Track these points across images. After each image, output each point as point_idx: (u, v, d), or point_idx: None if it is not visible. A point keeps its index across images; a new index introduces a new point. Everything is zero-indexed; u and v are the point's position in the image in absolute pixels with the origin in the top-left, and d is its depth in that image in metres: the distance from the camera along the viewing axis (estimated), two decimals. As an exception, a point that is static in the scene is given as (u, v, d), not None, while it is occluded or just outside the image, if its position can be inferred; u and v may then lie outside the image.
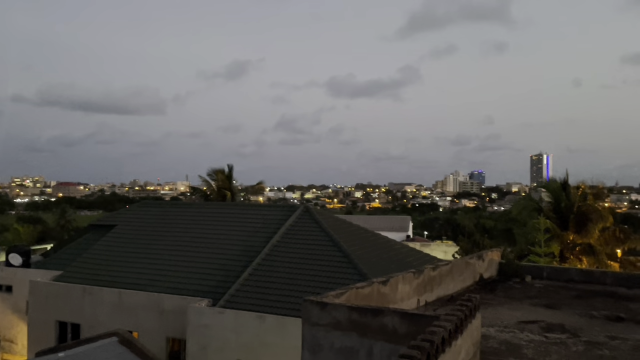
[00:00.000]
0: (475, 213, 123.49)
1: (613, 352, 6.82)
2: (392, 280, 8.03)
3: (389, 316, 5.74)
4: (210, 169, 37.13)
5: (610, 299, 10.38)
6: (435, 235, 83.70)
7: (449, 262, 10.68)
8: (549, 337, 7.45)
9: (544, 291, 11.05)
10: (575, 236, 27.76)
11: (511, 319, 8.46)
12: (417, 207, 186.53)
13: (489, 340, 7.10)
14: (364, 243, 20.82)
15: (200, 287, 18.17)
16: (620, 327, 8.15)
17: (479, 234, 42.85)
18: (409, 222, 66.71)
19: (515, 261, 13.03)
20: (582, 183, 29.99)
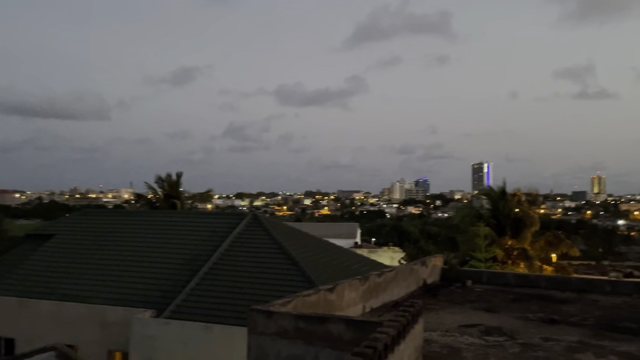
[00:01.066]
0: (420, 220, 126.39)
1: (547, 353, 7.19)
2: (339, 288, 8.15)
3: (334, 323, 5.83)
4: (157, 176, 36.25)
5: (544, 301, 10.92)
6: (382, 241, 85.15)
7: (393, 268, 10.94)
8: (488, 340, 7.77)
9: (484, 295, 11.50)
10: (512, 241, 29.05)
11: (452, 323, 8.75)
12: (365, 214, 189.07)
13: (431, 345, 7.32)
14: (312, 250, 20.91)
15: (144, 297, 17.67)
16: (553, 329, 8.59)
17: (424, 240, 43.98)
18: (357, 229, 67.52)
19: (457, 266, 13.48)
20: (518, 190, 31.48)
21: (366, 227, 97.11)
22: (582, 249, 55.58)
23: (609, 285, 12.01)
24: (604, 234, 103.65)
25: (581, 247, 51.95)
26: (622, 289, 11.82)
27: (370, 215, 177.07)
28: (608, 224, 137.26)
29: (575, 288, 12.14)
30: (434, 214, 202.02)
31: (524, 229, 28.93)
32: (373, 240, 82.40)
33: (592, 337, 8.04)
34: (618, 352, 7.27)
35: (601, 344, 7.69)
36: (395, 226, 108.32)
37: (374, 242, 79.39)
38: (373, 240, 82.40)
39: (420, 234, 59.61)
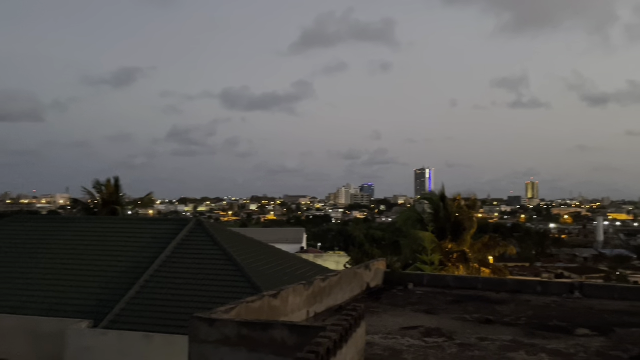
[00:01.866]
0: (365, 224, 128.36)
1: (482, 352, 7.48)
2: (283, 293, 8.15)
3: (278, 329, 5.84)
4: (95, 180, 34.84)
5: (481, 302, 11.36)
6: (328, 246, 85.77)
7: (337, 272, 11.05)
8: (427, 341, 8.00)
9: (424, 297, 11.82)
10: (452, 244, 30.03)
11: (394, 325, 8.95)
12: (311, 218, 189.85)
13: (373, 347, 7.46)
14: (258, 256, 20.77)
15: (80, 307, 16.92)
16: (489, 329, 8.96)
17: (369, 244, 44.68)
18: (303, 234, 67.70)
19: (399, 270, 13.78)
20: (458, 195, 32.66)
21: (312, 232, 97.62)
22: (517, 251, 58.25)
23: (540, 286, 12.64)
24: (536, 236, 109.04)
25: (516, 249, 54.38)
26: (552, 289, 12.47)
27: (316, 220, 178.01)
28: (540, 227, 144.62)
29: (510, 289, 12.69)
30: (378, 218, 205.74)
31: (463, 232, 29.92)
32: (319, 245, 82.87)
33: (525, 336, 8.44)
34: (548, 349, 7.66)
35: (533, 342, 8.09)
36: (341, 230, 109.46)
37: (320, 247, 79.85)
38: (319, 245, 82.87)
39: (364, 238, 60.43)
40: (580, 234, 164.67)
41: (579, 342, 8.16)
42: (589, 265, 73.75)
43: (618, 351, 7.59)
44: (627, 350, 7.67)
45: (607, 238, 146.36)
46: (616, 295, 11.84)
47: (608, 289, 12.34)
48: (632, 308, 10.81)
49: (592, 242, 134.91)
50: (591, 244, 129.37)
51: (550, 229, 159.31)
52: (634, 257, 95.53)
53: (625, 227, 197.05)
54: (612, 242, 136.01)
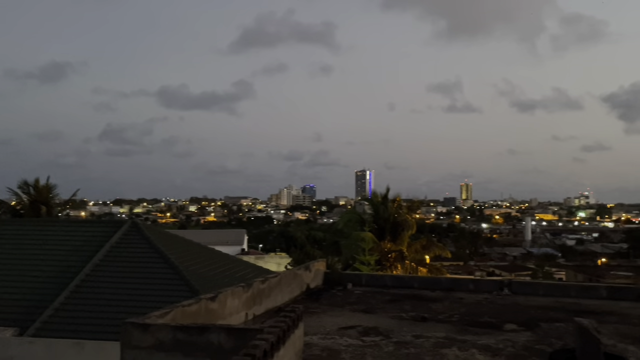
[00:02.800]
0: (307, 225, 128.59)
1: (417, 349, 7.70)
2: (221, 296, 8.03)
3: (214, 333, 5.74)
4: (22, 181, 32.87)
5: (417, 301, 11.69)
6: (269, 247, 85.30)
7: (277, 274, 11.03)
8: (365, 340, 8.14)
9: (363, 297, 12.02)
10: (391, 245, 30.71)
11: (333, 326, 9.04)
12: (253, 220, 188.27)
13: (312, 348, 7.49)
14: (197, 259, 20.33)
15: (4, 315, 15.91)
16: (424, 327, 9.23)
17: (310, 245, 44.89)
18: (244, 236, 66.91)
19: (338, 270, 13.94)
20: (397, 196, 33.46)
21: (254, 234, 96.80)
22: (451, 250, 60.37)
23: (472, 284, 13.19)
24: (470, 236, 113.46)
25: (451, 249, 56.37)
26: (484, 287, 13.03)
27: (258, 222, 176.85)
28: (474, 228, 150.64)
29: (444, 287, 13.15)
30: (320, 219, 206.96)
31: (402, 233, 30.65)
32: (260, 247, 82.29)
33: (457, 333, 8.77)
34: (479, 345, 7.99)
35: (465, 338, 8.41)
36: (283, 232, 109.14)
37: (261, 249, 79.31)
38: (260, 247, 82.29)
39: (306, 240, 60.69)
40: (510, 233, 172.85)
41: (507, 337, 8.57)
42: (518, 264, 77.57)
43: (543, 345, 8.02)
44: (551, 344, 8.12)
45: (535, 237, 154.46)
46: (541, 291, 12.53)
47: (534, 286, 13.05)
48: (556, 304, 11.48)
49: (521, 241, 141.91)
50: (520, 243, 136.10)
51: (483, 229, 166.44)
52: (559, 255, 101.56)
53: (551, 227, 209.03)
54: (539, 241, 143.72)
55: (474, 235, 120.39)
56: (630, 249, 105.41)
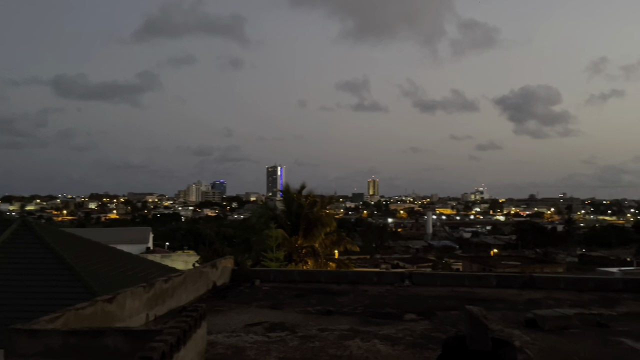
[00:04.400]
0: (217, 222, 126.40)
1: (322, 342, 7.84)
2: (119, 297, 7.67)
3: (110, 336, 5.46)
4: None
5: (323, 295, 11.91)
6: (177, 245, 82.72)
7: (182, 272, 10.72)
8: (271, 336, 8.15)
9: (270, 293, 12.04)
10: (303, 240, 31.01)
11: (239, 323, 8.96)
12: (159, 217, 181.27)
13: (216, 347, 7.38)
14: (96, 259, 19.22)
15: None
16: (329, 320, 9.42)
17: (220, 242, 44.14)
18: (149, 234, 64.45)
19: (246, 267, 13.84)
20: (310, 193, 33.83)
21: (160, 231, 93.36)
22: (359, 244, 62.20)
23: (376, 277, 13.67)
24: (377, 230, 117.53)
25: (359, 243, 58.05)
26: (387, 279, 13.56)
27: (165, 219, 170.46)
28: (380, 222, 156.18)
29: (350, 280, 13.50)
30: (230, 216, 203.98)
31: (313, 229, 31.00)
32: (167, 245, 79.57)
33: (361, 324, 9.05)
34: (380, 335, 8.31)
35: (367, 329, 8.70)
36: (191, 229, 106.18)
37: (168, 247, 76.76)
38: (167, 245, 79.57)
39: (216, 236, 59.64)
40: (413, 227, 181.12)
41: (407, 326, 8.99)
42: (420, 256, 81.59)
43: (439, 332, 8.51)
44: (446, 331, 8.64)
45: (435, 231, 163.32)
46: (439, 282, 13.28)
47: (432, 277, 13.79)
48: (451, 293, 12.22)
49: (423, 234, 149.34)
50: (422, 236, 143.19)
51: (388, 224, 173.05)
52: (456, 247, 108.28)
53: (450, 220, 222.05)
54: (439, 235, 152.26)
55: (380, 229, 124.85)
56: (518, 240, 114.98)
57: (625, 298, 11.68)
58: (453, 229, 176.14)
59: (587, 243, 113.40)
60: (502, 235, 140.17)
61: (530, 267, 51.84)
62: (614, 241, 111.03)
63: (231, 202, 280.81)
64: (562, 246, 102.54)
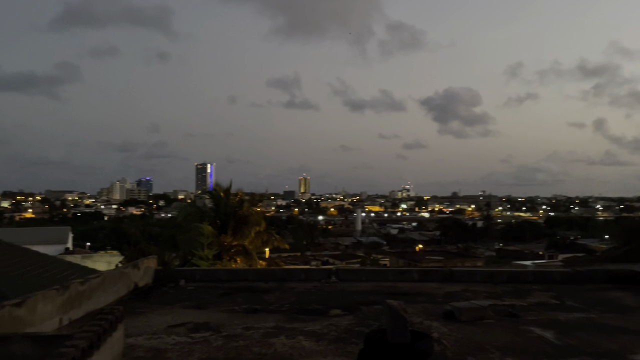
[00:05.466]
0: (142, 221, 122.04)
1: (246, 341, 7.78)
2: (30, 301, 7.21)
3: (17, 342, 5.14)
4: None
5: (250, 293, 11.82)
6: (99, 245, 79.12)
7: (101, 274, 10.26)
8: (194, 337, 7.99)
9: (195, 293, 11.79)
10: (232, 239, 30.61)
11: (161, 325, 8.70)
12: (80, 216, 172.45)
13: (136, 350, 7.13)
14: (7, 261, 17.95)
15: None
16: (255, 318, 9.37)
17: (146, 241, 42.65)
18: (69, 233, 61.06)
19: (171, 266, 13.49)
20: (240, 190, 33.42)
21: (81, 231, 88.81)
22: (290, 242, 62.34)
23: (303, 274, 13.76)
24: (307, 228, 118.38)
25: (290, 241, 58.22)
26: (314, 276, 13.69)
27: (86, 218, 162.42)
28: (311, 220, 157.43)
29: (277, 278, 13.51)
30: (157, 214, 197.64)
31: (243, 227, 30.69)
32: (88, 245, 75.88)
33: (286, 322, 9.08)
34: (306, 332, 8.38)
35: (293, 326, 8.74)
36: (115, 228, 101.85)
37: (90, 247, 73.28)
38: (88, 245, 75.88)
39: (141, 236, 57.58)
40: (343, 224, 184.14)
41: (332, 322, 9.13)
42: (350, 252, 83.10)
43: (362, 327, 8.70)
44: (369, 325, 8.84)
45: (364, 227, 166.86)
46: (364, 277, 13.59)
47: (358, 273, 14.10)
48: (376, 288, 12.53)
49: (352, 231, 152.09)
50: (352, 233, 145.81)
51: (319, 221, 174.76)
52: (384, 243, 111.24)
53: (378, 217, 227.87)
54: (368, 231, 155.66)
55: (310, 226, 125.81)
56: (442, 236, 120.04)
57: (535, 289, 12.50)
58: (381, 225, 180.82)
59: (504, 238, 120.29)
60: (427, 231, 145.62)
61: (452, 261, 54.34)
62: (528, 236, 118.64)
63: (158, 200, 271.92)
64: (482, 241, 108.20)
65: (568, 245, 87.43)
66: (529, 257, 59.99)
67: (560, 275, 13.88)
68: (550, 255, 69.01)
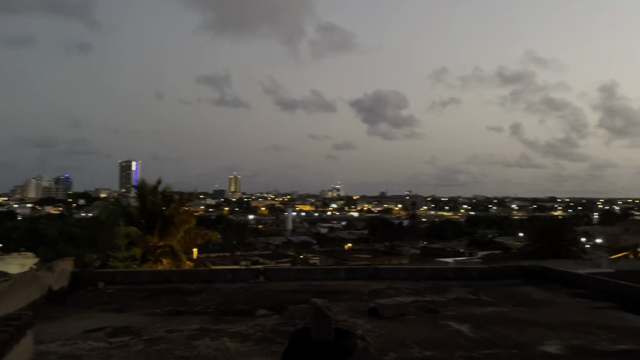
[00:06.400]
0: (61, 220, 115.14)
1: (169, 344, 7.57)
2: None
3: None
4: None
5: (175, 295, 11.52)
6: (12, 247, 73.98)
7: (10, 277, 9.60)
8: (113, 341, 7.66)
9: (116, 296, 11.31)
10: (159, 239, 29.61)
11: (77, 330, 8.27)
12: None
13: (48, 357, 6.73)
14: None
15: None
16: (179, 320, 9.14)
17: (64, 242, 40.34)
18: (-24, 234, 56.78)
19: (89, 268, 12.88)
20: (167, 189, 32.35)
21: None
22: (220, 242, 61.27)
23: (230, 274, 13.60)
24: (237, 227, 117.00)
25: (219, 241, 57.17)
26: (241, 276, 13.56)
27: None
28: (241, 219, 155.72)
29: (204, 279, 13.26)
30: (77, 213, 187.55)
31: (170, 227, 29.80)
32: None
33: (211, 323, 8.93)
34: (231, 333, 8.28)
35: (218, 327, 8.61)
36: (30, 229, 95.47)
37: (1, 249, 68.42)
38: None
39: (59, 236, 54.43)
40: (274, 224, 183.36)
41: (258, 322, 9.08)
42: (280, 252, 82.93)
43: (288, 326, 8.72)
44: (295, 324, 8.88)
45: (295, 227, 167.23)
46: (292, 277, 13.64)
47: (286, 272, 14.13)
48: (303, 287, 12.62)
49: (283, 230, 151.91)
50: (282, 232, 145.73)
51: (249, 220, 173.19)
52: (314, 242, 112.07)
53: (308, 217, 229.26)
54: (299, 230, 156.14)
55: (241, 226, 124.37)
56: (370, 234, 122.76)
57: (454, 285, 13.11)
58: (311, 224, 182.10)
59: (428, 236, 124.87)
60: (356, 230, 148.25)
61: (379, 260, 55.73)
62: (450, 234, 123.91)
63: (78, 199, 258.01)
64: (407, 239, 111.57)
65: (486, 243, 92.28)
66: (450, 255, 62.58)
67: (477, 272, 14.64)
68: (470, 253, 72.51)
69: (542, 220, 65.85)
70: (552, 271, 14.31)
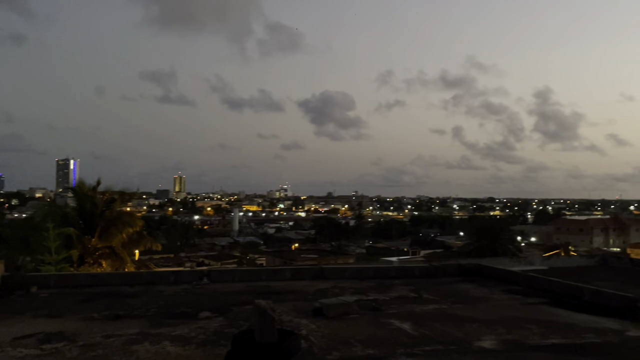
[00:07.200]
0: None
1: (106, 350, 7.30)
2: None
3: None
4: None
5: (113, 298, 11.13)
6: None
7: None
8: (45, 348, 7.31)
9: (50, 300, 10.80)
10: (98, 241, 28.50)
11: (6, 337, 7.84)
12: None
13: (-28, 367, 6.36)
14: None
15: None
16: (117, 325, 8.83)
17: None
18: None
19: (21, 272, 12.22)
20: (108, 189, 31.17)
21: None
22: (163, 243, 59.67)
23: (173, 276, 13.29)
24: (182, 228, 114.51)
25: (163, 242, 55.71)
26: (184, 278, 13.28)
27: None
28: (186, 220, 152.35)
29: (145, 281, 12.89)
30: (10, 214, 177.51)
31: (111, 228, 28.77)
32: None
33: (152, 327, 8.68)
34: (172, 336, 8.08)
35: (159, 331, 8.39)
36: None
37: None
38: None
39: (-12, 238, 51.41)
40: (220, 224, 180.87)
41: (201, 325, 8.93)
42: (226, 253, 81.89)
43: (232, 328, 8.63)
44: (239, 326, 8.79)
45: (242, 227, 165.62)
46: (237, 278, 13.51)
47: (230, 273, 13.97)
48: (248, 288, 12.52)
49: (229, 231, 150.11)
50: (229, 233, 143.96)
51: (194, 221, 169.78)
52: (261, 242, 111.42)
53: (256, 217, 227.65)
54: (245, 231, 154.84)
55: (185, 227, 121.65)
56: (317, 234, 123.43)
57: (397, 284, 13.40)
58: (258, 225, 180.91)
59: (374, 236, 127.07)
60: (303, 230, 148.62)
61: (325, 259, 56.10)
62: (395, 233, 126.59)
63: (10, 199, 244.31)
64: (354, 239, 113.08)
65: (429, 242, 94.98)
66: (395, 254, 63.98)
67: (419, 270, 15.03)
68: (413, 252, 74.42)
69: (481, 219, 68.47)
70: (489, 269, 14.91)
